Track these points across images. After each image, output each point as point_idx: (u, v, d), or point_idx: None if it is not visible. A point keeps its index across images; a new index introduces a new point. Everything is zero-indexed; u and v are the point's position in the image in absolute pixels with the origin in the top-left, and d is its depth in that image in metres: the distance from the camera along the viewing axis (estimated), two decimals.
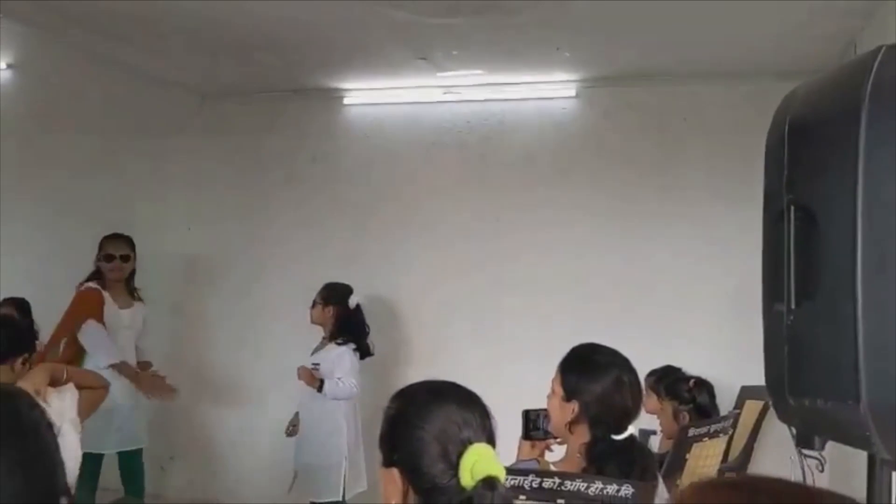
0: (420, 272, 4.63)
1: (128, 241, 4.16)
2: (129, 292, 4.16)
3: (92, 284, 4.07)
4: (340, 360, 3.92)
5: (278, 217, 4.88)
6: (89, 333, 3.93)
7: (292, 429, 4.05)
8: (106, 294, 4.07)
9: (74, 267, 4.85)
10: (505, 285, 4.49)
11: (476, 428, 1.38)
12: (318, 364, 3.95)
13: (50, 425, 0.89)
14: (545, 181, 4.48)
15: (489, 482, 1.31)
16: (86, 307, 4.02)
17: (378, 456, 1.39)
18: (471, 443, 1.34)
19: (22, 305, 4.35)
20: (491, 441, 1.39)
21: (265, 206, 4.90)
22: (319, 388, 3.84)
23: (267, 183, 4.91)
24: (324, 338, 4.08)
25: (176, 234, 4.94)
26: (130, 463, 4.08)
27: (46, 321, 4.85)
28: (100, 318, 3.97)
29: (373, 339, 4.12)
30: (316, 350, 4.04)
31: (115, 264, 4.07)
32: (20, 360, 2.54)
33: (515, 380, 1.71)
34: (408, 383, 1.50)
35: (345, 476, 3.89)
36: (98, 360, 3.80)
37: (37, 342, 3.22)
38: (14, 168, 5.31)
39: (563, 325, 4.20)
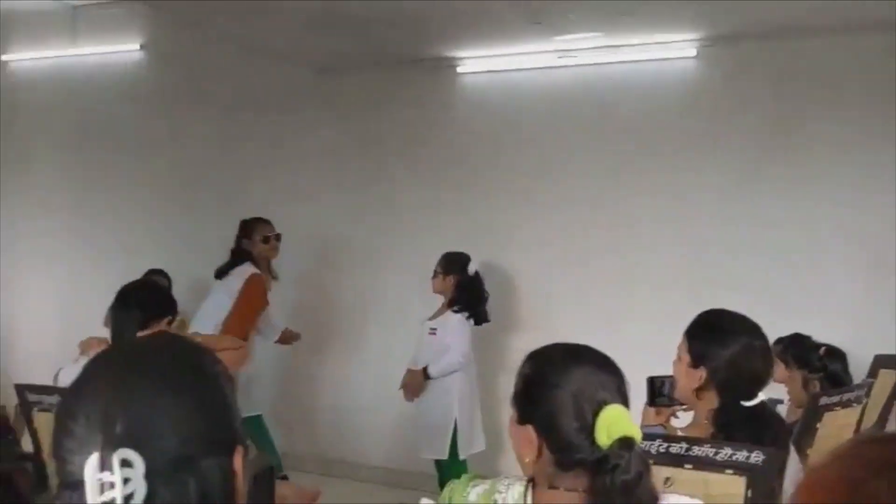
0: (536, 239, 4.63)
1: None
2: (271, 270, 4.41)
3: (256, 271, 4.27)
4: (453, 328, 4.06)
5: (396, 188, 4.96)
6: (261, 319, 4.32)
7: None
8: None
9: (197, 234, 5.14)
10: (621, 251, 4.43)
11: (612, 390, 1.40)
12: (434, 329, 4.10)
13: (230, 379, 0.97)
14: (664, 145, 4.37)
15: (626, 442, 1.33)
16: (261, 297, 4.27)
17: (495, 416, 1.42)
18: (607, 403, 1.36)
19: (164, 275, 4.74)
20: (625, 404, 1.41)
21: (383, 177, 5.00)
22: (426, 376, 4.01)
23: (384, 155, 5.00)
24: (443, 305, 4.19)
25: (295, 207, 5.10)
26: (250, 429, 4.32)
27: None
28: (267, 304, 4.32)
29: (490, 306, 4.20)
30: (434, 316, 4.15)
31: (272, 244, 4.33)
32: (166, 321, 2.73)
33: (631, 346, 1.70)
34: (529, 348, 1.53)
35: (455, 437, 4.01)
36: (268, 339, 4.45)
37: None
38: (145, 143, 5.66)
39: (682, 291, 4.13)
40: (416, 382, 4.04)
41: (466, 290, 4.12)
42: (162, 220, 5.61)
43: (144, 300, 2.74)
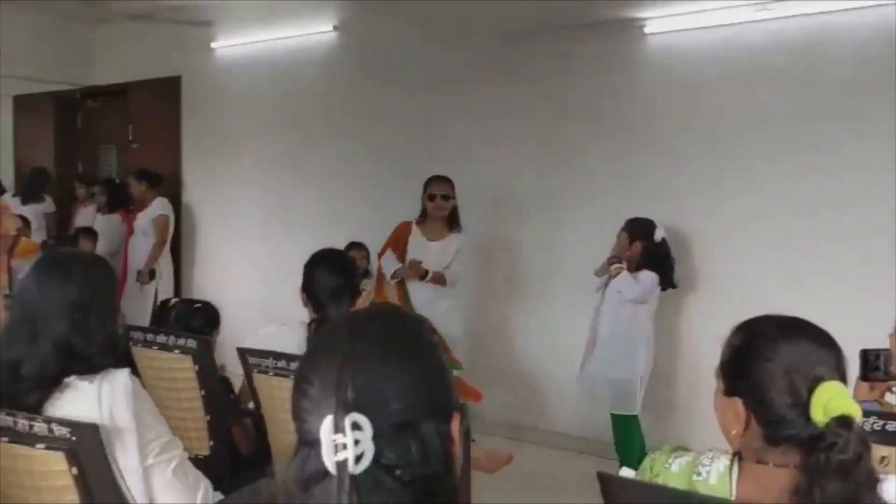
0: (728, 205, 4.42)
1: (449, 182, 4.55)
2: (450, 226, 4.55)
3: (410, 219, 4.62)
4: (644, 277, 4.03)
5: (580, 154, 4.91)
6: (384, 258, 4.63)
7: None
8: (416, 227, 4.60)
9: (386, 208, 5.35)
10: (835, 227, 4.10)
11: (830, 366, 1.34)
12: (620, 291, 4.07)
13: (446, 348, 1.03)
14: (871, 103, 4.00)
15: (844, 421, 1.27)
16: (391, 238, 4.67)
17: (671, 381, 1.37)
18: (824, 380, 1.31)
19: (363, 248, 5.06)
20: (843, 381, 1.34)
21: (567, 144, 4.96)
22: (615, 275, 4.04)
23: (570, 121, 4.95)
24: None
25: (483, 173, 5.18)
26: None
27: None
28: (395, 247, 4.59)
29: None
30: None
31: (437, 203, 4.52)
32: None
33: (828, 314, 1.58)
34: (706, 313, 1.49)
35: (640, 392, 4.04)
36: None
37: None
38: (338, 120, 5.94)
39: (888, 260, 3.81)
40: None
41: (653, 257, 4.07)
42: (353, 195, 5.89)
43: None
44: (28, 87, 7.73)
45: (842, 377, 1.35)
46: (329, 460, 0.89)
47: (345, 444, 0.88)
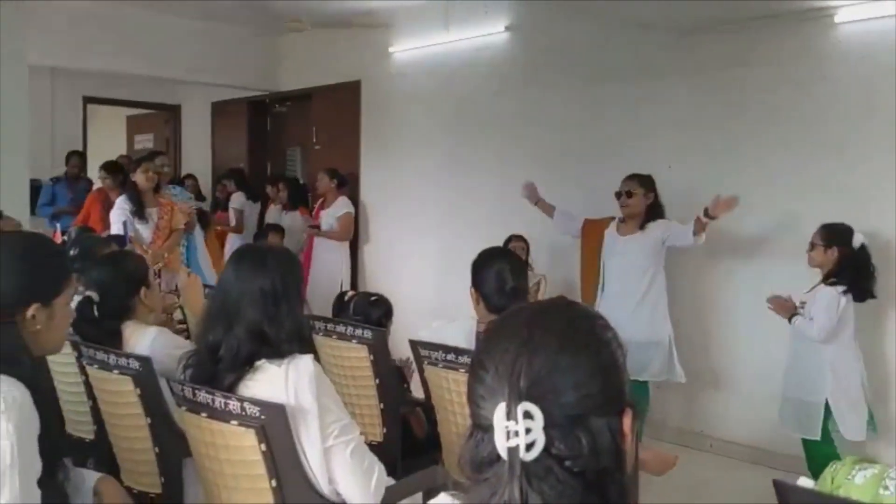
0: None
1: (637, 179, 4.51)
2: (641, 224, 4.50)
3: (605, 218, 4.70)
4: (820, 301, 3.75)
5: (761, 151, 4.68)
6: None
7: None
8: (612, 225, 4.64)
9: (560, 202, 5.34)
10: None
11: None
12: (804, 303, 3.84)
13: (620, 345, 1.04)
14: None
15: None
16: (584, 238, 4.75)
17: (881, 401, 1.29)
18: None
19: (522, 240, 5.13)
20: None
21: (747, 140, 4.75)
22: (789, 319, 3.82)
23: (749, 116, 4.74)
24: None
25: (657, 172, 5.05)
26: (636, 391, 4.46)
27: (535, 258, 5.45)
28: (590, 245, 4.66)
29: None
30: (810, 290, 3.89)
31: (622, 200, 4.49)
32: None
33: None
34: None
35: (828, 416, 3.73)
36: None
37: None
38: (510, 119, 6.00)
39: None
40: (781, 304, 3.90)
41: (851, 265, 3.76)
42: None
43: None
44: (224, 94, 8.38)
45: None
46: (501, 446, 0.92)
47: (516, 431, 0.91)
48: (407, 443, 3.18)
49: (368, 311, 3.38)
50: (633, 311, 4.39)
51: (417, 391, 3.18)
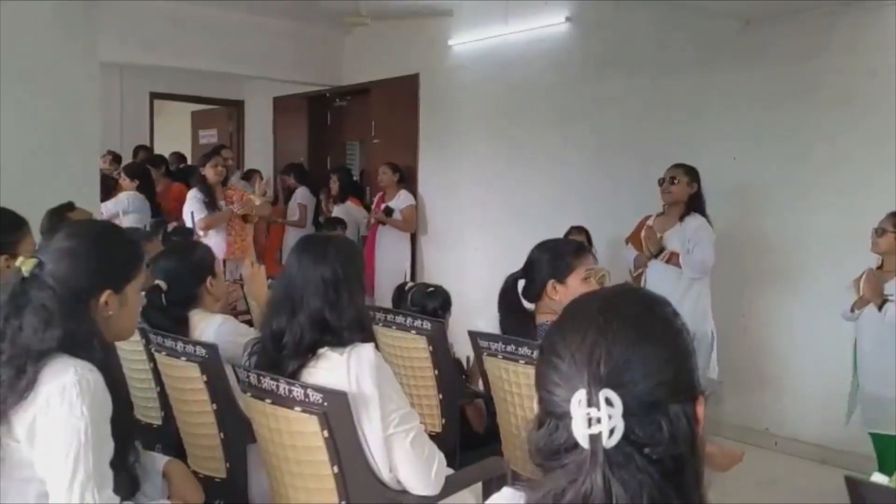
0: None
1: (682, 168, 4.41)
2: (681, 216, 4.38)
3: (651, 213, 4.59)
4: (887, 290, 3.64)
5: (829, 140, 4.56)
6: (627, 250, 4.68)
7: None
8: (653, 219, 4.53)
9: (614, 196, 5.28)
10: None
11: None
12: (890, 294, 3.67)
13: (688, 332, 1.04)
14: None
15: None
16: (635, 230, 4.61)
17: None
18: None
19: (584, 231, 5.08)
20: None
21: (814, 129, 4.62)
22: (879, 307, 3.64)
23: (815, 105, 4.61)
24: (878, 267, 3.79)
25: (721, 163, 4.96)
26: None
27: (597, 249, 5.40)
28: (635, 239, 4.59)
29: None
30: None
31: (663, 187, 4.42)
32: None
33: None
34: None
35: None
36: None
37: None
38: (568, 111, 5.96)
39: None
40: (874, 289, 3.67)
41: None
42: (581, 185, 5.88)
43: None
44: (286, 90, 8.51)
45: None
46: (581, 433, 0.92)
47: (598, 418, 0.91)
48: (465, 435, 3.18)
49: (425, 302, 3.39)
50: (675, 306, 4.26)
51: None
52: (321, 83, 8.04)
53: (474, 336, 2.89)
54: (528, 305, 2.96)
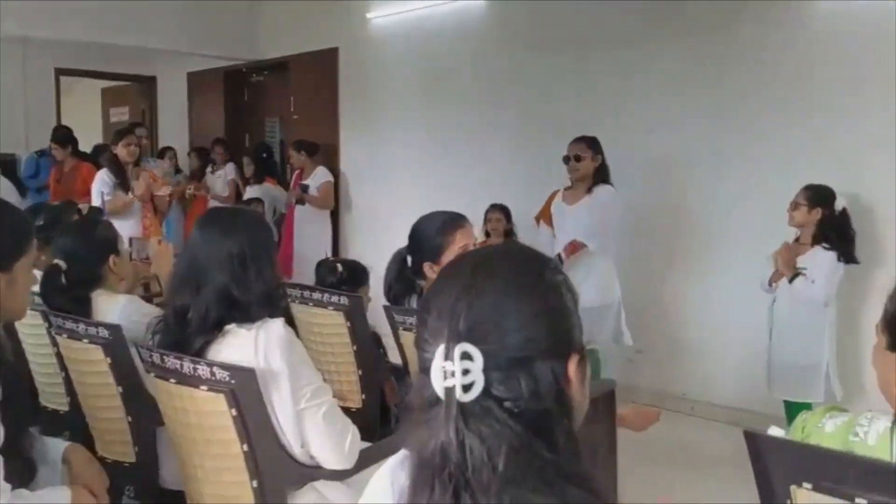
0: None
1: (584, 142, 4.44)
2: (588, 188, 4.43)
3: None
4: (822, 264, 3.76)
5: (747, 114, 4.66)
6: (538, 231, 4.77)
7: None
8: (561, 193, 4.60)
9: (538, 170, 5.30)
10: None
11: None
12: (803, 267, 3.81)
13: (571, 290, 1.02)
14: None
15: None
16: (543, 207, 4.69)
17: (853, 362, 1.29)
18: None
19: (505, 211, 5.08)
20: None
21: (731, 103, 4.72)
22: (791, 279, 3.77)
23: (732, 80, 4.70)
24: (795, 240, 3.91)
25: (639, 137, 5.02)
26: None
27: (519, 225, 5.42)
28: (545, 217, 4.66)
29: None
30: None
31: (570, 165, 4.46)
32: None
33: None
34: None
35: (827, 377, 3.77)
36: None
37: None
38: (489, 86, 5.94)
39: None
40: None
41: (833, 228, 3.79)
42: (503, 161, 5.88)
43: None
44: (200, 65, 8.25)
45: None
46: (438, 386, 0.91)
47: (453, 371, 0.90)
48: (387, 409, 3.16)
49: (345, 278, 3.34)
50: (583, 278, 4.34)
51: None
52: (237, 57, 7.83)
53: (389, 310, 2.86)
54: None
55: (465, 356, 0.90)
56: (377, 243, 6.66)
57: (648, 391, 4.94)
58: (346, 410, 3.08)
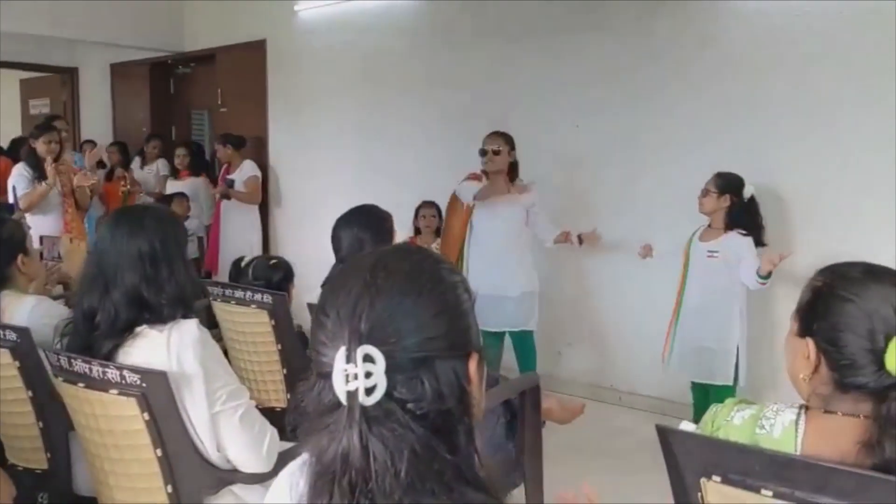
0: (815, 160, 4.18)
1: (502, 136, 4.48)
2: (510, 182, 4.50)
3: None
4: (744, 247, 3.85)
5: (665, 109, 4.73)
6: (463, 185, 4.75)
7: None
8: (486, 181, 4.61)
9: (465, 164, 5.31)
10: None
11: None
12: (715, 252, 3.91)
13: (467, 289, 1.01)
14: None
15: None
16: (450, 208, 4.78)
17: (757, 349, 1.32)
18: None
19: (438, 208, 5.08)
20: None
21: (652, 98, 4.79)
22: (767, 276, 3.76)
23: (653, 75, 4.77)
24: (709, 226, 4.00)
25: (565, 130, 5.07)
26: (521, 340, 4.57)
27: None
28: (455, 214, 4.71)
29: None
30: (706, 238, 3.98)
31: (487, 157, 4.48)
32: None
33: None
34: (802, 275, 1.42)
35: (737, 362, 3.87)
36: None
37: None
38: (417, 81, 5.92)
39: None
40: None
41: (742, 214, 3.89)
42: (435, 153, 5.86)
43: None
44: (124, 56, 8.01)
45: None
46: (340, 390, 0.89)
47: (356, 374, 0.88)
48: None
49: (269, 275, 3.28)
50: (515, 266, 4.47)
51: None
52: (162, 49, 7.63)
53: (313, 308, 2.81)
54: None
55: (368, 359, 0.88)
56: (307, 237, 6.59)
57: (578, 383, 5.00)
58: (271, 410, 3.06)
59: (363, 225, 2.93)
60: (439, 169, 5.59)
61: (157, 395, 1.90)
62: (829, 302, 1.32)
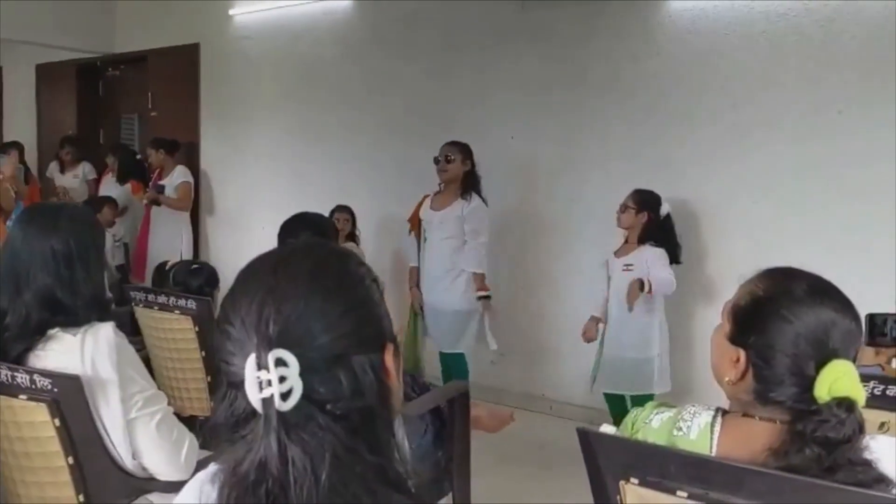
0: (742, 176, 4.30)
1: (457, 146, 4.47)
2: (462, 194, 4.43)
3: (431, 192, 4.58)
4: (657, 260, 3.92)
5: (598, 121, 4.81)
6: (407, 241, 4.77)
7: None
8: (429, 198, 4.58)
9: (402, 174, 5.30)
10: (844, 190, 3.99)
11: (847, 342, 1.27)
12: (630, 265, 3.97)
13: (375, 281, 0.99)
14: (883, 69, 3.84)
15: (847, 404, 1.21)
16: (413, 212, 4.68)
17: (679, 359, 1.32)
18: (837, 357, 1.24)
19: (351, 212, 5.05)
20: (856, 357, 1.28)
21: (584, 111, 4.87)
22: (649, 290, 3.83)
23: (585, 88, 4.85)
24: (626, 242, 4.08)
25: (500, 142, 5.10)
26: (451, 362, 4.52)
27: (384, 228, 5.41)
28: (414, 223, 4.64)
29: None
30: (621, 253, 4.06)
31: (440, 166, 4.46)
32: None
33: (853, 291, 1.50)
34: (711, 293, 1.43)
35: (657, 372, 3.94)
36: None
37: None
38: (354, 88, 5.90)
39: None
40: (634, 294, 3.84)
41: (659, 231, 3.98)
42: (368, 164, 5.84)
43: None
44: (51, 56, 7.77)
45: (856, 353, 1.29)
46: (254, 399, 0.85)
47: (269, 380, 0.85)
48: None
49: (189, 281, 3.21)
50: (451, 283, 4.43)
51: None
52: (91, 50, 7.43)
53: None
54: None
55: (280, 363, 0.85)
56: (239, 244, 6.50)
57: (511, 392, 5.02)
58: (193, 419, 2.98)
59: (318, 230, 2.87)
60: (376, 176, 5.58)
61: (69, 400, 1.83)
62: (767, 319, 1.30)
